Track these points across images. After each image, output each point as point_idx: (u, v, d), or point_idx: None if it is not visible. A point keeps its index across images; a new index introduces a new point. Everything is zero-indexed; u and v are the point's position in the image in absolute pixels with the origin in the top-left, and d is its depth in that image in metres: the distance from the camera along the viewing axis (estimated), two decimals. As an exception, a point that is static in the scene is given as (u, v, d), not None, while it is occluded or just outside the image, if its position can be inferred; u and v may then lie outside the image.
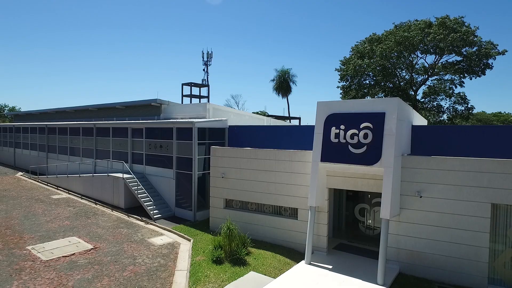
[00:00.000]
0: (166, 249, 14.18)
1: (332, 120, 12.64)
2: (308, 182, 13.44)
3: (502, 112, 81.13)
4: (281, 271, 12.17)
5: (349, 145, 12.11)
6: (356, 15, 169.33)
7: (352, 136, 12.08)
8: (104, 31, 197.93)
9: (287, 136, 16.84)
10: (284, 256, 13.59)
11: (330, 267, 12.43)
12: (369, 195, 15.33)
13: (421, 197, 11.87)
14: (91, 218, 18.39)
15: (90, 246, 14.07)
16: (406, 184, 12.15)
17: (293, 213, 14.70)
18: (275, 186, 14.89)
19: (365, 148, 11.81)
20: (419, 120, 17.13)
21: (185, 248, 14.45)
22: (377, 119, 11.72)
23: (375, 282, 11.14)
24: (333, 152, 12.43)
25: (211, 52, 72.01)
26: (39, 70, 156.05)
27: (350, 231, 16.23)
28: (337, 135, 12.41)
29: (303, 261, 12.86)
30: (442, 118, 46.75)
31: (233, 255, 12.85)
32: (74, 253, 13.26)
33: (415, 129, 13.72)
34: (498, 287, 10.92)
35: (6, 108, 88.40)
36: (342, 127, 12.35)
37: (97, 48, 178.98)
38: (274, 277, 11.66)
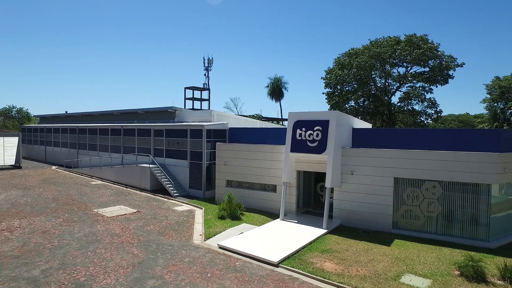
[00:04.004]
0: (186, 213, 20.69)
1: (298, 124, 19.19)
2: (283, 166, 19.95)
3: (484, 113, 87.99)
4: (263, 224, 18.67)
5: (307, 141, 18.66)
6: (353, 17, 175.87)
7: (309, 135, 18.62)
8: (103, 31, 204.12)
9: (270, 135, 23.32)
10: (267, 216, 20.10)
11: (296, 221, 18.95)
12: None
13: (353, 174, 18.41)
14: (127, 196, 24.91)
15: (134, 210, 20.59)
16: (344, 166, 18.69)
17: (273, 188, 21.27)
18: (261, 169, 21.46)
19: (317, 143, 18.35)
20: (361, 124, 23.69)
21: (199, 212, 20.96)
22: (324, 124, 18.27)
23: (321, 228, 17.69)
24: (298, 146, 18.99)
25: (212, 58, 78.43)
26: (37, 70, 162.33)
27: (315, 204, 22.75)
28: (300, 135, 18.96)
29: (278, 219, 19.41)
30: (418, 120, 53.00)
31: (232, 214, 19.40)
32: (125, 214, 19.78)
33: (355, 130, 20.22)
34: (397, 230, 17.43)
35: (14, 109, 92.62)
36: (304, 129, 18.89)
37: (96, 48, 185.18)
38: (258, 226, 18.18)
